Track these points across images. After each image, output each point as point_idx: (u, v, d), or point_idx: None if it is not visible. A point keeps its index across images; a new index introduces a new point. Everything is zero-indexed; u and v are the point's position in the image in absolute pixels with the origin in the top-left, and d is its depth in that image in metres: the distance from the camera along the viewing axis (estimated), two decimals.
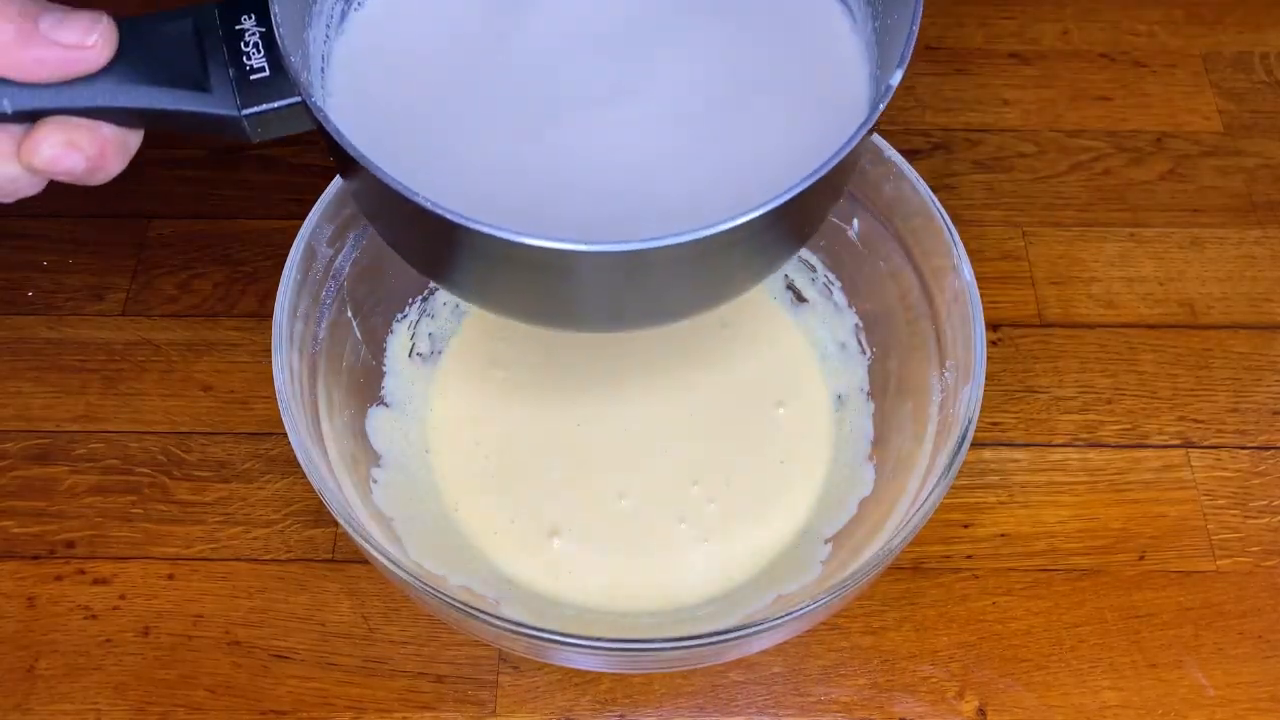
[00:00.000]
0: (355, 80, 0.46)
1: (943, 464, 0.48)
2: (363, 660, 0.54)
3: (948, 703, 0.53)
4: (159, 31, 0.40)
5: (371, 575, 0.56)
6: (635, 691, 0.53)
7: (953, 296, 0.51)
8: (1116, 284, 0.65)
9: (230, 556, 0.56)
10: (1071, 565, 0.57)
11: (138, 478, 0.58)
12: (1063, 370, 0.62)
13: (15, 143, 0.39)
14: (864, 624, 0.55)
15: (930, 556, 0.57)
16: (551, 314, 0.46)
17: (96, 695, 0.53)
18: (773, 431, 0.58)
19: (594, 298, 0.44)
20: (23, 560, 0.56)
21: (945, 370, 0.52)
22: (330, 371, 0.53)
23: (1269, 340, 0.64)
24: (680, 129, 0.45)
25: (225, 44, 0.40)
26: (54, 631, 0.54)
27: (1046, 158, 0.70)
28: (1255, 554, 0.57)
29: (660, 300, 0.44)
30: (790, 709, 0.53)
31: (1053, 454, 0.60)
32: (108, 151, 0.40)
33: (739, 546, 0.55)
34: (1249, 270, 0.66)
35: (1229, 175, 0.69)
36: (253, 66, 0.40)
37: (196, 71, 0.40)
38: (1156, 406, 0.61)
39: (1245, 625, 0.55)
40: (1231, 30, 0.75)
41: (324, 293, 0.53)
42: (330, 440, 0.51)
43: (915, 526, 0.46)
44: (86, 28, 0.38)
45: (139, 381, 0.61)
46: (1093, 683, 0.54)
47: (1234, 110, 0.72)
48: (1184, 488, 0.59)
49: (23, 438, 0.59)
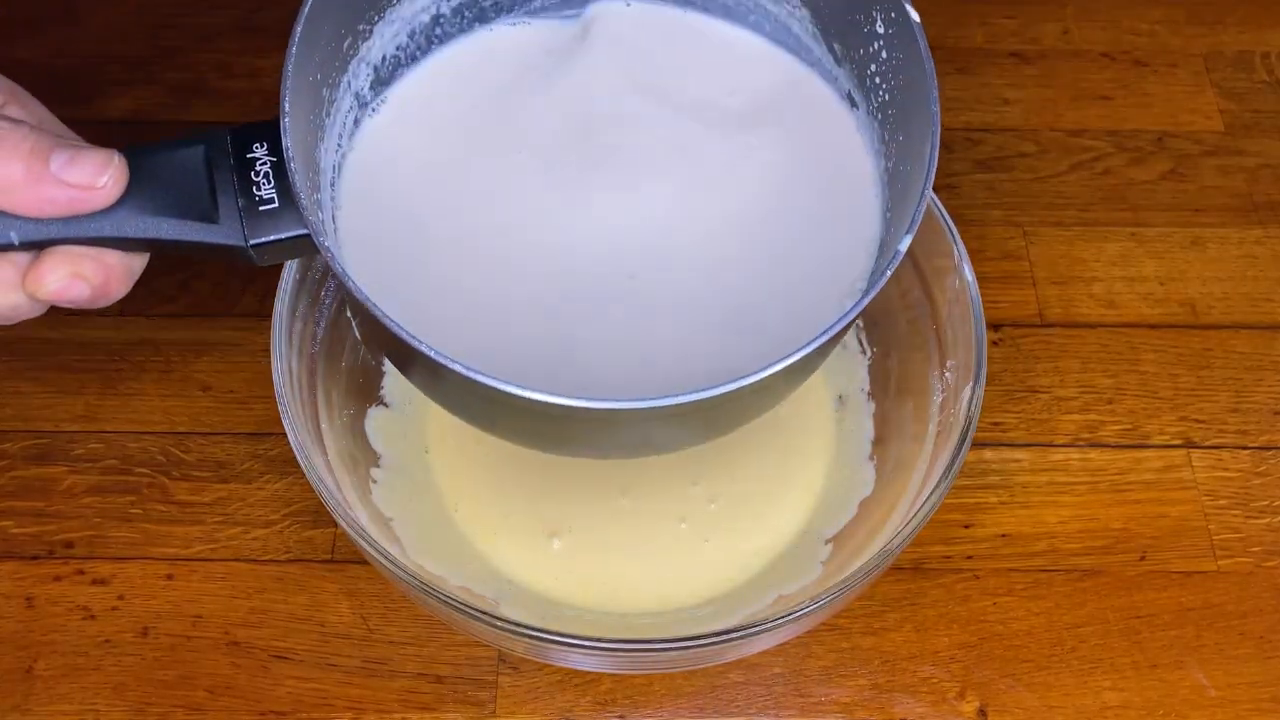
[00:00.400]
0: (366, 191, 0.46)
1: (944, 464, 0.48)
2: (362, 661, 0.54)
3: (948, 703, 0.53)
4: (170, 160, 0.40)
5: (371, 576, 0.56)
6: (635, 692, 0.53)
7: (953, 296, 0.51)
8: (1117, 284, 0.65)
9: (229, 557, 0.56)
10: (1072, 566, 0.57)
11: (137, 478, 0.58)
12: (1064, 370, 0.62)
13: (20, 273, 0.39)
14: (864, 624, 0.55)
15: (931, 557, 0.57)
16: (551, 447, 0.46)
17: (95, 696, 0.53)
18: (773, 431, 0.58)
19: (592, 442, 0.45)
20: (21, 560, 0.56)
21: (946, 370, 0.52)
22: (329, 371, 0.53)
23: (1270, 340, 0.64)
24: (693, 283, 0.45)
25: (236, 173, 0.40)
26: (53, 632, 0.54)
27: (1047, 157, 0.70)
28: (1256, 554, 0.57)
29: (649, 442, 0.45)
30: (790, 709, 0.53)
31: (1054, 454, 0.60)
32: (113, 279, 0.39)
33: (739, 546, 0.55)
34: (1250, 270, 0.66)
35: (1230, 175, 0.69)
36: (262, 197, 0.39)
37: (205, 201, 0.39)
38: (1158, 406, 0.61)
39: (1246, 626, 0.55)
40: (1233, 30, 0.75)
41: (324, 293, 0.53)
42: (329, 440, 0.51)
43: (916, 527, 0.46)
44: (98, 169, 0.38)
45: (138, 381, 0.61)
46: (1094, 683, 0.54)
47: (1235, 110, 0.72)
48: (1185, 488, 0.59)
49: (22, 438, 0.59)
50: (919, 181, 0.41)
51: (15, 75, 0.43)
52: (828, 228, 0.46)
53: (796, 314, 0.44)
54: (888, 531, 0.48)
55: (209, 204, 0.39)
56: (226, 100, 0.70)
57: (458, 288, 0.45)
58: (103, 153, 0.38)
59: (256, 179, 0.40)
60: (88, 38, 0.71)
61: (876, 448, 0.56)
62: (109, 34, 0.72)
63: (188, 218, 0.39)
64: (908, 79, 0.43)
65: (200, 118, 0.69)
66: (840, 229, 0.46)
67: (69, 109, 0.67)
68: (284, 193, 0.39)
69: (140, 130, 0.68)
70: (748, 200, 0.46)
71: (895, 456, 0.54)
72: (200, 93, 0.70)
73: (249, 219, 0.39)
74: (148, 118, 0.69)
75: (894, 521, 0.49)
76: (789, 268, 0.45)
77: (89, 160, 0.38)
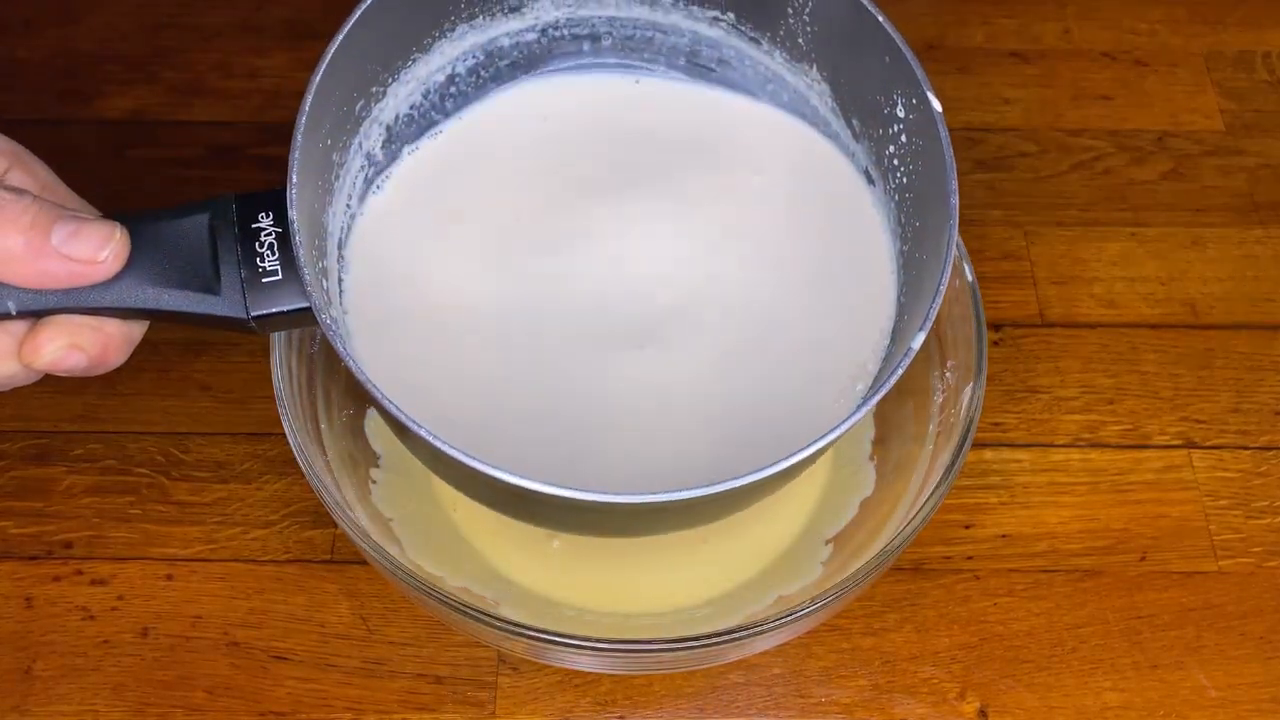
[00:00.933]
0: (373, 253, 0.45)
1: (944, 464, 0.47)
2: (362, 661, 0.54)
3: (949, 704, 0.53)
4: (173, 229, 0.39)
5: (370, 576, 0.56)
6: (635, 692, 0.53)
7: (954, 296, 0.51)
8: (1118, 284, 0.65)
9: (229, 557, 0.56)
10: (1073, 566, 0.57)
11: (136, 478, 0.58)
12: (1064, 370, 0.62)
13: (17, 342, 0.38)
14: (865, 625, 0.55)
15: (931, 557, 0.57)
16: (558, 527, 0.47)
17: (94, 696, 0.53)
18: None
19: (589, 524, 0.45)
20: (20, 561, 0.56)
21: (947, 370, 0.52)
22: (329, 371, 0.53)
23: (1271, 340, 0.64)
24: (704, 378, 0.45)
25: (240, 243, 0.39)
26: (52, 632, 0.54)
27: (1048, 157, 0.70)
28: (1257, 555, 0.57)
29: (660, 525, 0.45)
30: (790, 710, 0.53)
31: (1054, 454, 0.60)
32: (111, 349, 0.39)
33: (739, 546, 0.55)
34: (1251, 270, 0.66)
35: (1231, 175, 0.69)
36: (265, 269, 0.39)
37: (207, 271, 0.39)
38: (1158, 407, 0.61)
39: (1247, 626, 0.55)
40: (1233, 29, 0.75)
41: None
42: (329, 440, 0.51)
43: (916, 527, 0.46)
44: (99, 243, 0.37)
45: (137, 381, 0.61)
46: (1094, 684, 0.54)
47: (1236, 109, 0.72)
48: (1186, 488, 0.59)
49: (20, 438, 0.59)
50: (935, 272, 0.39)
51: (15, 75, 0.43)
52: (843, 305, 0.45)
53: (807, 394, 0.44)
54: (888, 532, 0.48)
55: (211, 274, 0.39)
56: (226, 100, 0.70)
57: (461, 361, 0.44)
58: (104, 226, 0.37)
59: (260, 250, 0.39)
60: (87, 37, 0.71)
61: (877, 448, 0.56)
62: (109, 34, 0.72)
63: (189, 289, 0.38)
64: (927, 167, 0.42)
65: (200, 117, 0.69)
66: (855, 308, 0.45)
67: (69, 109, 0.67)
68: (288, 264, 0.39)
69: (140, 130, 0.68)
70: (763, 273, 0.46)
71: (895, 457, 0.54)
72: (200, 93, 0.70)
73: (251, 291, 0.39)
74: (147, 118, 0.69)
75: (894, 522, 0.49)
76: (801, 350, 0.45)
77: (91, 234, 0.37)
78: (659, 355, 0.45)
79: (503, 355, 0.44)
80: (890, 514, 0.50)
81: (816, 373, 0.44)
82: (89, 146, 0.68)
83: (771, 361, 0.45)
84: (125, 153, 0.68)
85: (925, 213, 0.43)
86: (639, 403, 0.44)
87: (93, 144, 0.67)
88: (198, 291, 0.39)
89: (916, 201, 0.43)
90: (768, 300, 0.46)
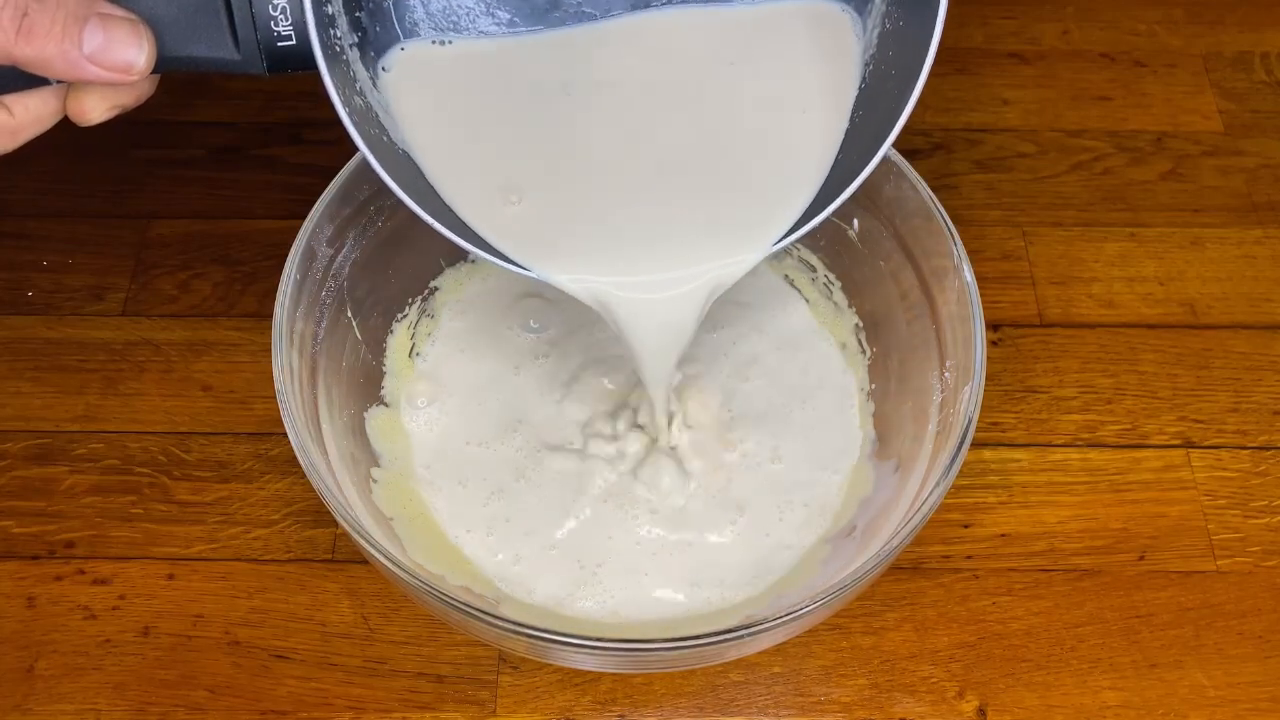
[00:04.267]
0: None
1: (943, 464, 0.48)
2: (363, 660, 0.54)
3: (948, 703, 0.53)
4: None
5: (371, 575, 0.56)
6: (635, 692, 0.53)
7: (953, 296, 0.51)
8: (1117, 284, 0.65)
9: (230, 557, 0.56)
10: (1072, 565, 0.57)
11: (137, 478, 0.58)
12: (1063, 370, 0.62)
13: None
14: (864, 624, 0.55)
15: (930, 556, 0.57)
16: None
17: (96, 695, 0.53)
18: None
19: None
20: (22, 560, 0.56)
21: (946, 370, 0.52)
22: (330, 371, 0.53)
23: (1269, 340, 0.64)
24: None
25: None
26: (53, 632, 0.54)
27: (1047, 158, 0.70)
28: (1255, 554, 0.57)
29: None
30: (790, 709, 0.53)
31: (1053, 454, 0.60)
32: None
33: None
34: (1249, 270, 0.66)
35: (1229, 175, 0.69)
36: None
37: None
38: (1157, 406, 0.61)
39: (1245, 625, 0.55)
40: (1232, 30, 0.75)
41: (324, 293, 0.53)
42: (330, 440, 0.51)
43: (915, 526, 0.46)
44: (133, 53, 0.39)
45: (138, 381, 0.61)
46: (1093, 683, 0.54)
47: (1234, 110, 0.72)
48: (1184, 488, 0.59)
49: (23, 438, 0.59)
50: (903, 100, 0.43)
51: None
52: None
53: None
54: (887, 531, 0.48)
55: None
56: (227, 100, 0.70)
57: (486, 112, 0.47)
58: (130, 32, 0.39)
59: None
60: None
61: (876, 448, 0.56)
62: None
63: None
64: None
65: (200, 117, 0.70)
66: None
67: None
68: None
69: (140, 130, 0.68)
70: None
71: (895, 456, 0.54)
72: (200, 92, 0.70)
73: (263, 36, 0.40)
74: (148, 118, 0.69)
75: (893, 521, 0.49)
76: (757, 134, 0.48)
77: (120, 43, 0.38)
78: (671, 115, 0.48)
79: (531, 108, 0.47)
80: (889, 513, 0.50)
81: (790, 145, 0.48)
82: (93, 146, 0.68)
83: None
84: (129, 152, 0.69)
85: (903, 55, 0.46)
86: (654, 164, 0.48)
87: (96, 143, 0.68)
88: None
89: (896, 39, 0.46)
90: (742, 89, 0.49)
